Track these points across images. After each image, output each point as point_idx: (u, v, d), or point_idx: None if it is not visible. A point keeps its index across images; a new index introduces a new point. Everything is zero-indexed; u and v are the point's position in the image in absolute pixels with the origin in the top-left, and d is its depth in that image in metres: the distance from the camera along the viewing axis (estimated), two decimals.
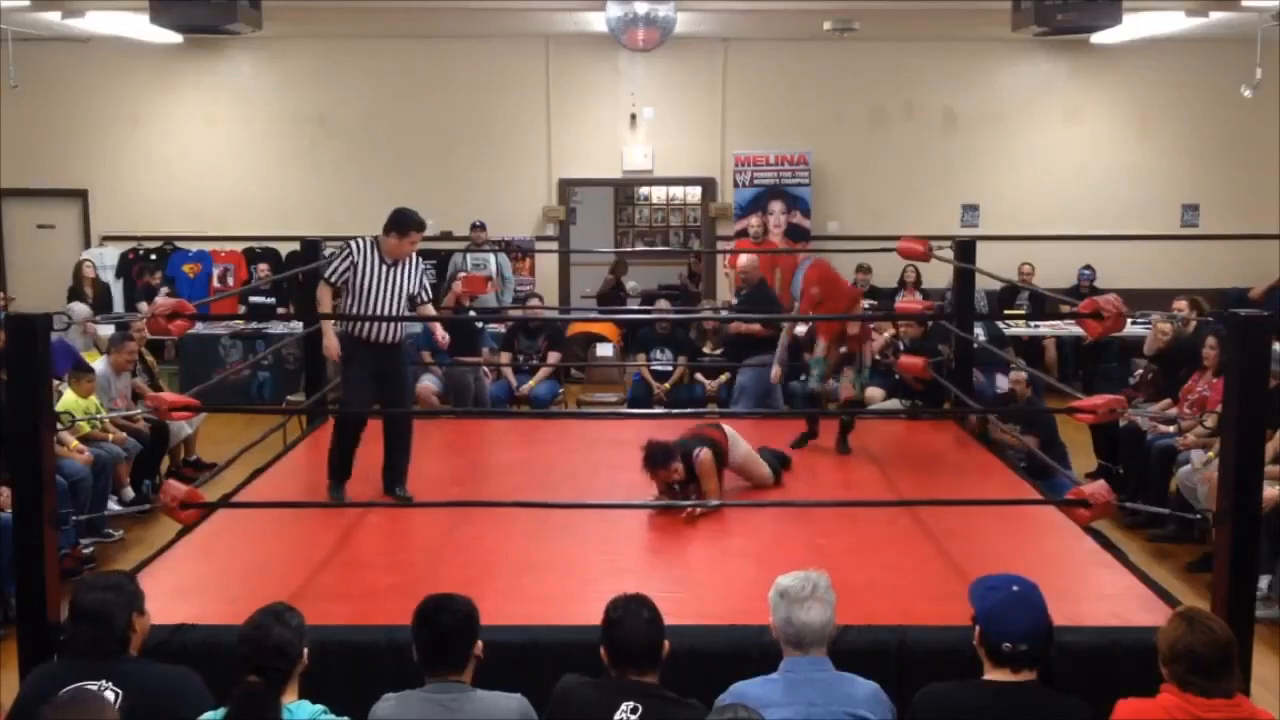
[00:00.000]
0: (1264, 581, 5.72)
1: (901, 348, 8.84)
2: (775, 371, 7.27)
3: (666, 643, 3.18)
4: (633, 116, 12.05)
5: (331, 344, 5.87)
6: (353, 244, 5.77)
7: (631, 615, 3.15)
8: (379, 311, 5.70)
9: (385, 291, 5.72)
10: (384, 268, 5.71)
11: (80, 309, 9.64)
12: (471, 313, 9.51)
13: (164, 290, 10.97)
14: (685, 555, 5.04)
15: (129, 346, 7.72)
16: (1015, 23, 8.64)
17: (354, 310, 5.75)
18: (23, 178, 11.81)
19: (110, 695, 3.06)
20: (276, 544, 5.12)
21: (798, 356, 9.85)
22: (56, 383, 7.01)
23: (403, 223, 5.73)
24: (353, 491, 5.87)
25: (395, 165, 12.04)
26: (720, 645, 3.94)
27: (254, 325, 10.80)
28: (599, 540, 5.12)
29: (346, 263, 5.70)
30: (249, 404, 10.26)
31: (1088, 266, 11.39)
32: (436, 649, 3.16)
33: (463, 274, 9.85)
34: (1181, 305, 8.09)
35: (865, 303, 11.17)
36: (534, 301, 10.70)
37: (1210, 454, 6.36)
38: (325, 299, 5.92)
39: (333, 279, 5.74)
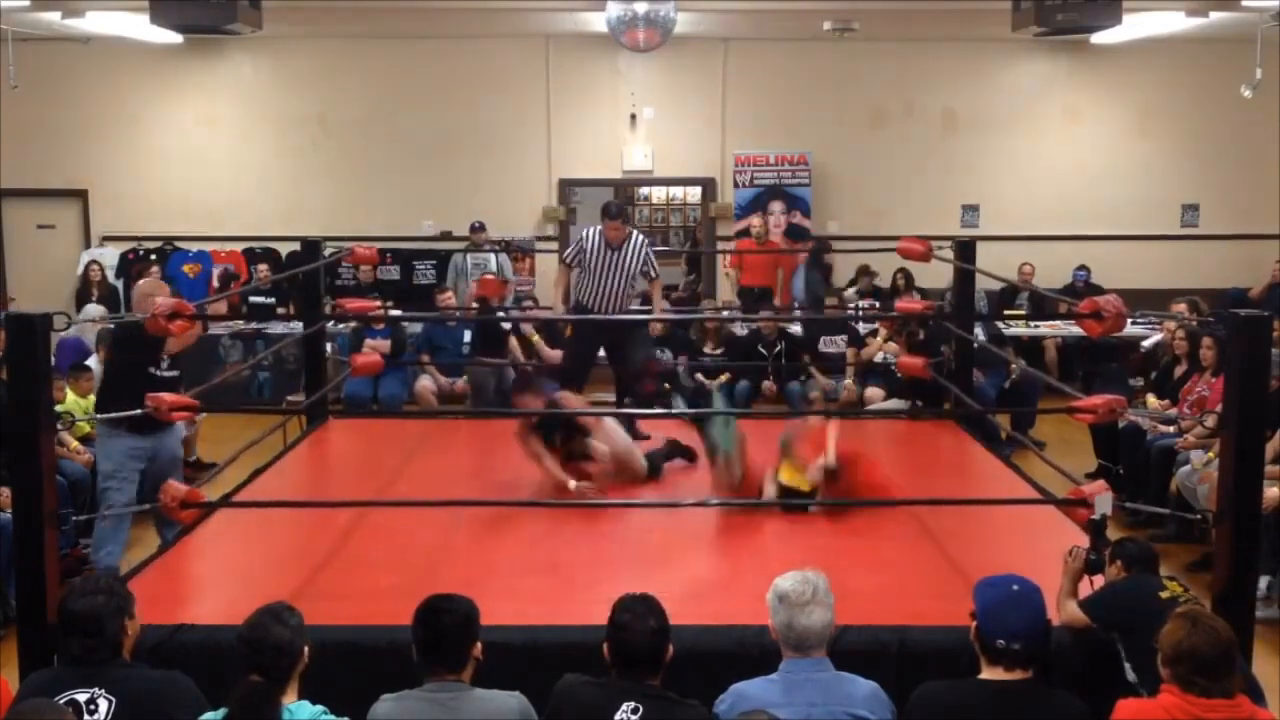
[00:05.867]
0: (1264, 581, 5.73)
1: (920, 335, 8.80)
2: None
3: (671, 647, 3.18)
4: (633, 116, 12.05)
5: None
6: (583, 232, 7.04)
7: (639, 620, 3.15)
8: (603, 287, 6.87)
9: (609, 269, 6.87)
10: (608, 251, 6.85)
11: (94, 309, 9.70)
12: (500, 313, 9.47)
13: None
14: (685, 555, 5.03)
15: None
16: (1015, 23, 8.64)
17: (584, 287, 6.92)
18: (23, 178, 11.80)
19: (104, 703, 3.06)
20: (276, 544, 5.11)
21: (795, 356, 9.90)
22: (60, 381, 7.03)
23: (604, 211, 6.90)
24: (355, 491, 5.88)
25: (395, 165, 12.04)
26: (720, 645, 3.94)
27: (254, 325, 10.79)
28: (599, 540, 5.12)
29: (575, 248, 6.98)
30: (249, 404, 10.26)
31: (1082, 267, 11.38)
32: (435, 648, 3.16)
33: (486, 275, 9.81)
34: (1180, 307, 8.10)
35: (864, 302, 11.21)
36: (527, 303, 10.74)
37: (1210, 454, 6.37)
38: (562, 278, 7.14)
39: (567, 259, 7.06)
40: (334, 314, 8.14)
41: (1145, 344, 9.32)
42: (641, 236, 7.13)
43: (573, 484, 5.56)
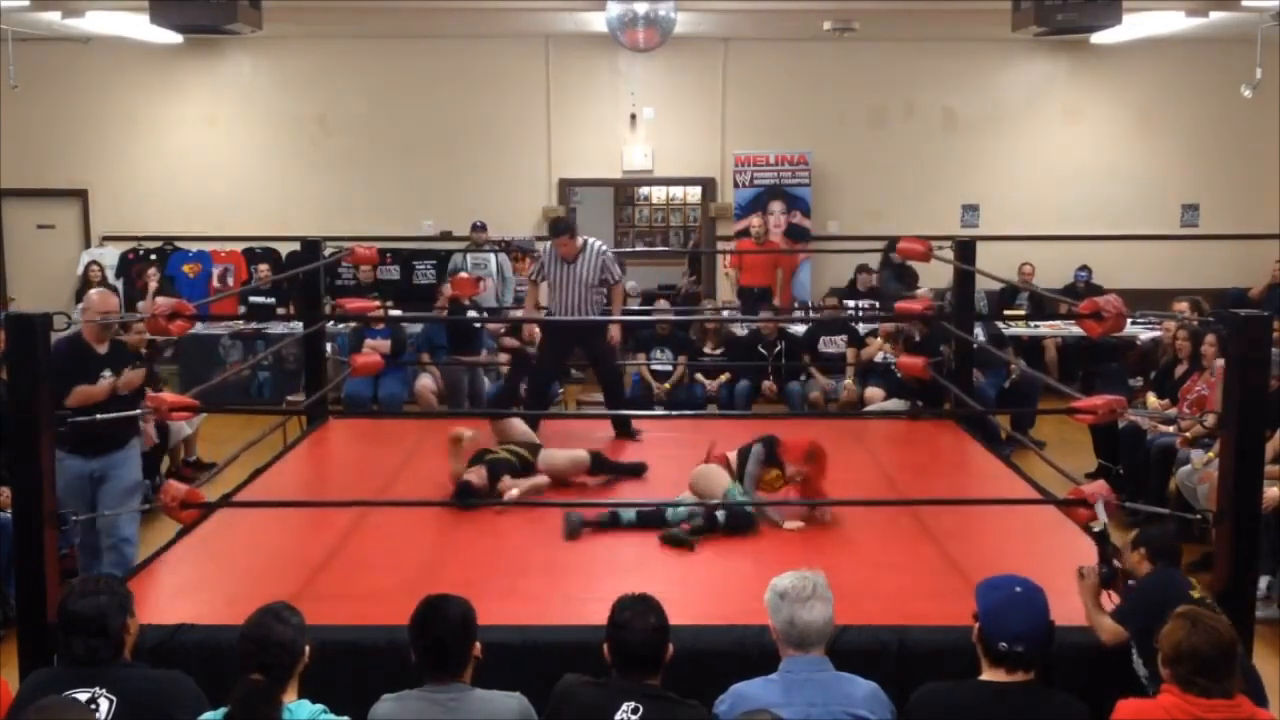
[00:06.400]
0: (1264, 581, 5.73)
1: (916, 337, 8.82)
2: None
3: (671, 646, 3.18)
4: (633, 116, 12.05)
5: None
6: (544, 246, 7.31)
7: (639, 619, 3.14)
8: (564, 300, 7.07)
9: (566, 283, 7.05)
10: (563, 265, 7.04)
11: None
12: (472, 312, 9.52)
13: (153, 285, 11.03)
14: (685, 555, 5.02)
15: None
16: (1015, 23, 8.65)
17: (550, 299, 7.22)
18: (23, 178, 11.81)
19: (104, 703, 3.06)
20: (276, 544, 5.11)
21: (795, 356, 9.90)
22: None
23: (549, 229, 7.29)
24: (355, 491, 5.88)
25: (395, 165, 12.05)
26: (720, 645, 3.94)
27: (254, 325, 10.79)
28: (598, 540, 5.12)
29: (537, 266, 7.27)
30: (249, 404, 10.26)
31: (1084, 267, 11.38)
32: (436, 652, 3.15)
33: (461, 275, 9.87)
34: (1182, 306, 8.09)
35: (864, 303, 11.22)
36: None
37: (1210, 454, 6.37)
38: (531, 295, 7.66)
39: (533, 276, 7.41)
40: (334, 314, 8.15)
41: (1142, 336, 9.32)
42: (598, 245, 7.15)
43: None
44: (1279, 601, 5.85)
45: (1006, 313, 11.20)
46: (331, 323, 8.53)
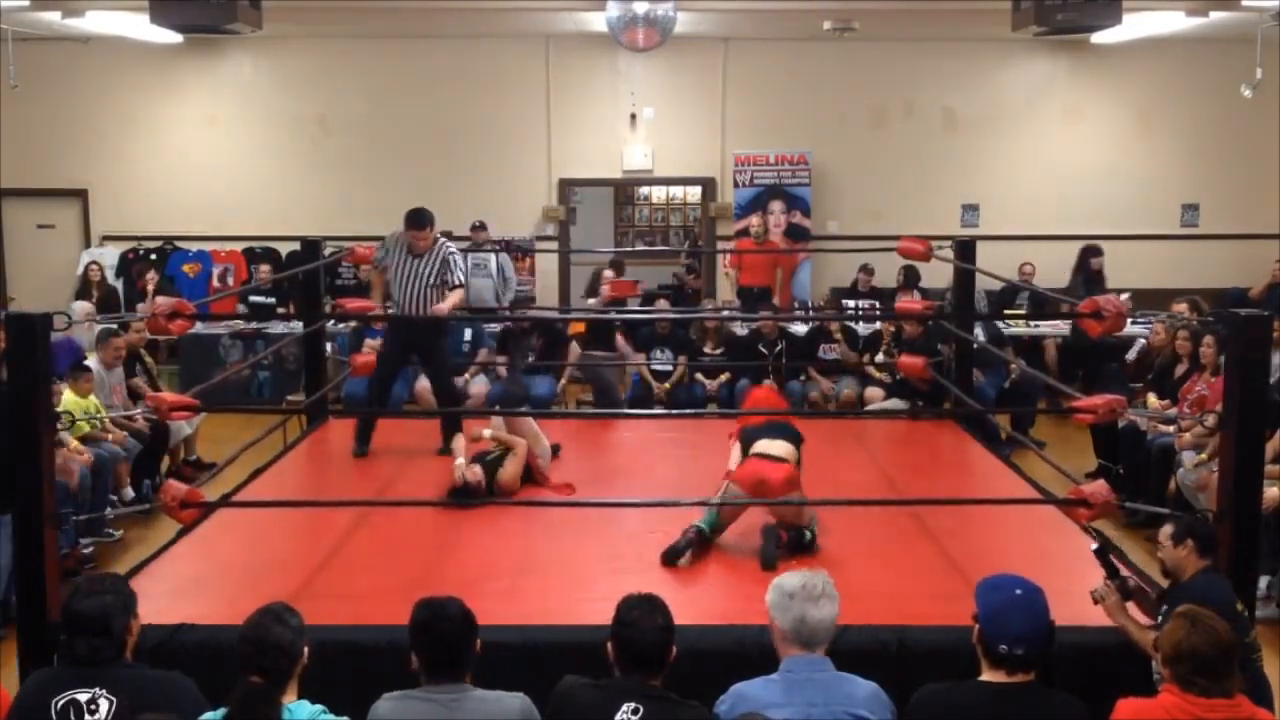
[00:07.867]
0: (1264, 581, 5.73)
1: (902, 337, 8.83)
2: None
3: (674, 647, 3.18)
4: (633, 116, 12.05)
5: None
6: (387, 237, 6.87)
7: (647, 619, 3.14)
8: (406, 296, 6.70)
9: (409, 279, 6.70)
10: (409, 259, 6.70)
11: (81, 306, 9.64)
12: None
13: (151, 288, 11.04)
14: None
15: (115, 343, 7.72)
16: (1015, 23, 8.65)
17: (394, 292, 6.80)
18: (23, 178, 11.80)
19: (104, 703, 3.06)
20: (276, 544, 5.12)
21: (795, 355, 9.90)
22: (58, 383, 7.01)
23: (407, 219, 6.73)
24: (355, 491, 5.89)
25: (395, 165, 12.04)
26: (720, 645, 3.94)
27: (254, 325, 10.79)
28: (599, 540, 5.12)
29: (382, 251, 6.86)
30: (249, 404, 10.26)
31: (1097, 251, 11.17)
32: (441, 654, 3.14)
33: (610, 278, 9.48)
34: (1180, 307, 8.09)
35: (865, 303, 11.22)
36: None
37: (1204, 455, 6.38)
38: (377, 282, 7.17)
39: (377, 264, 6.99)
40: (334, 314, 8.15)
41: (1130, 354, 9.23)
42: (448, 244, 6.84)
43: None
44: (1279, 601, 5.85)
45: (1006, 313, 11.18)
46: (331, 322, 8.53)
